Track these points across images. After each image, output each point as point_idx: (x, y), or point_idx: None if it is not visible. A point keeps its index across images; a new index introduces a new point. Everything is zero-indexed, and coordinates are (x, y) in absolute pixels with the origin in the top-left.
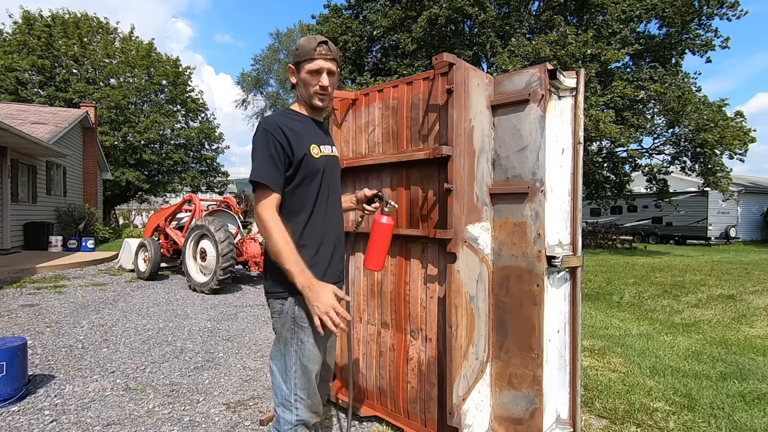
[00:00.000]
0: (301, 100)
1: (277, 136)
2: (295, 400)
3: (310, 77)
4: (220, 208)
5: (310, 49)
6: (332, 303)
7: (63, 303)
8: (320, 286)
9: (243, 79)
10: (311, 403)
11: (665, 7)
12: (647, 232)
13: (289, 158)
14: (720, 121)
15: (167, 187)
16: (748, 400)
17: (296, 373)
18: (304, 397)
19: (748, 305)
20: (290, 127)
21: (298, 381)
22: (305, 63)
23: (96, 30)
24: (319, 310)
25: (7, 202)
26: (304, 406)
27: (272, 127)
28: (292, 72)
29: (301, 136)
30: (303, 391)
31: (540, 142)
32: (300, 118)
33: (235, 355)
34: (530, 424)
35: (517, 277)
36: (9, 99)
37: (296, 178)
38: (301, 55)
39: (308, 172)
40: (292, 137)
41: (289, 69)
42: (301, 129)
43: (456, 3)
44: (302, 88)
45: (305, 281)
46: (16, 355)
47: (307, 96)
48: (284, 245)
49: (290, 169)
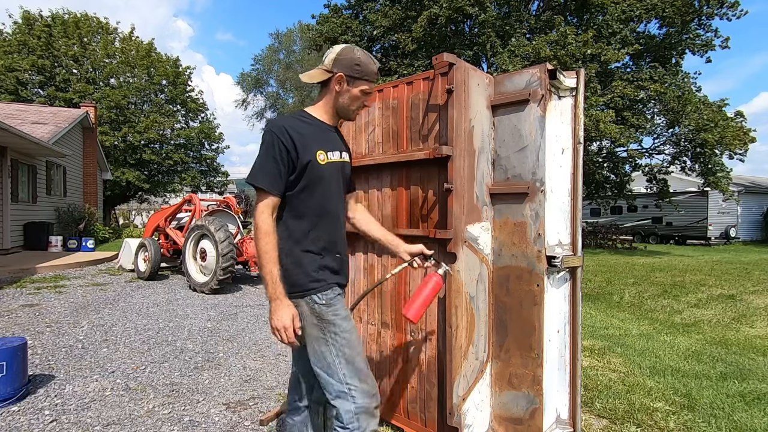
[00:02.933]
0: (330, 107)
1: (283, 138)
2: (349, 389)
3: (360, 96)
4: (220, 208)
5: (372, 72)
6: (287, 324)
7: (63, 303)
8: (284, 305)
9: (243, 79)
10: (366, 387)
11: (665, 7)
12: (647, 232)
13: (293, 162)
14: (720, 121)
15: (167, 187)
16: (748, 400)
17: (341, 364)
18: (357, 383)
19: (748, 305)
20: (298, 131)
21: (345, 371)
22: (363, 82)
23: (96, 30)
24: (275, 323)
25: (7, 202)
26: (359, 392)
27: (278, 129)
28: (341, 80)
29: (308, 140)
30: (353, 377)
31: (540, 142)
32: (312, 122)
33: (235, 355)
34: (530, 424)
35: (517, 277)
36: (9, 99)
37: (300, 182)
38: (362, 73)
39: (312, 178)
40: (298, 141)
41: (339, 77)
42: (309, 132)
43: (456, 3)
44: (345, 100)
45: (273, 293)
46: (16, 355)
47: (347, 109)
48: (266, 252)
49: (294, 173)
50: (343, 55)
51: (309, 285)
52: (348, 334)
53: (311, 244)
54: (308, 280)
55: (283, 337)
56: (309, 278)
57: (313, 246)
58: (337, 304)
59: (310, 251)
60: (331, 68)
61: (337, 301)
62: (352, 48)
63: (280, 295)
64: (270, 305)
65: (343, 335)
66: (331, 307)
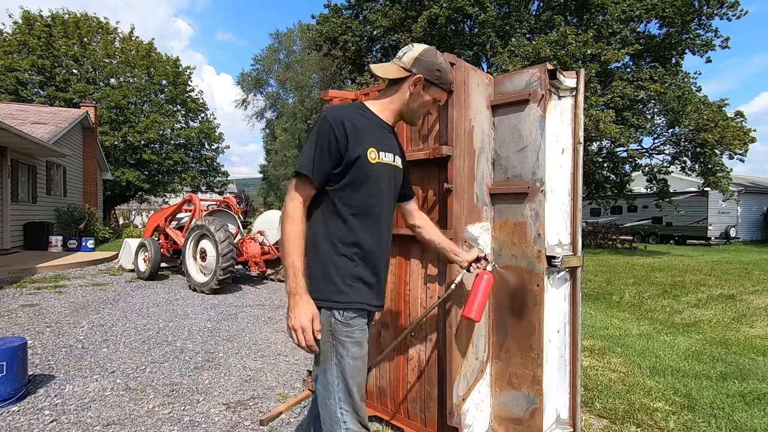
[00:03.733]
0: (396, 106)
1: (336, 129)
2: (341, 414)
3: (430, 103)
4: (220, 208)
5: (449, 81)
6: (306, 324)
7: (63, 303)
8: (303, 302)
9: (243, 79)
10: (357, 416)
11: (665, 7)
12: (647, 232)
13: (341, 155)
14: (720, 121)
15: (167, 187)
16: (748, 400)
17: (338, 386)
18: (349, 409)
19: (748, 305)
20: (353, 123)
21: (341, 395)
22: (438, 89)
23: (96, 30)
24: (292, 322)
25: (7, 202)
26: (350, 417)
27: (334, 119)
28: (418, 82)
29: (361, 134)
30: (347, 403)
31: (540, 142)
32: (371, 117)
33: (235, 355)
34: (530, 424)
35: (517, 277)
36: (9, 99)
37: (345, 178)
38: (440, 80)
39: (359, 176)
40: (351, 133)
41: (417, 78)
42: (364, 126)
43: (456, 3)
44: (415, 103)
45: (294, 288)
46: (16, 355)
47: (414, 113)
48: (291, 240)
49: (340, 167)
50: (425, 57)
51: (334, 297)
52: (355, 362)
53: (347, 248)
54: (334, 291)
55: (300, 339)
56: (335, 289)
57: (348, 250)
58: (355, 326)
59: (344, 255)
60: (409, 67)
61: (356, 322)
62: (434, 51)
63: (301, 290)
64: (288, 301)
65: (350, 360)
66: (348, 328)
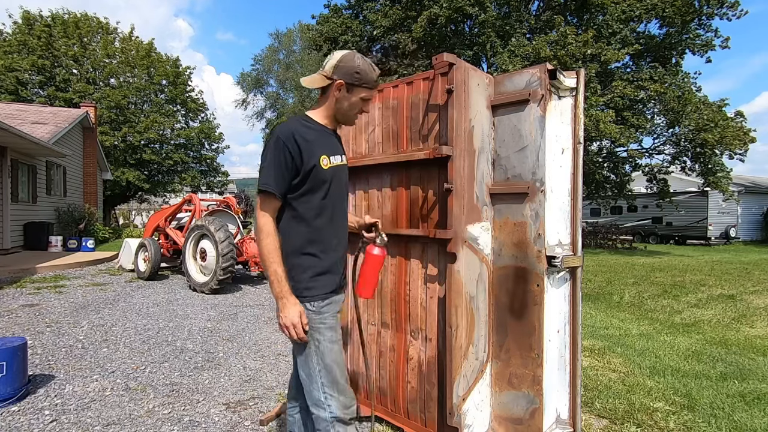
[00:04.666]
0: (330, 112)
1: (290, 145)
2: (325, 398)
3: (360, 103)
4: (220, 208)
5: (371, 80)
6: (295, 321)
7: (63, 303)
8: (291, 303)
9: (243, 80)
10: (342, 398)
11: (665, 7)
12: (647, 232)
13: (297, 168)
14: (720, 121)
15: (167, 187)
16: (748, 400)
17: (321, 372)
18: (334, 393)
19: (748, 305)
20: (304, 137)
21: (324, 380)
22: (362, 89)
23: (96, 30)
24: (284, 321)
25: (7, 202)
26: (335, 401)
27: (286, 135)
28: (340, 87)
29: (312, 146)
30: (331, 388)
31: (540, 142)
32: (315, 127)
33: (235, 355)
34: (530, 424)
35: (517, 277)
36: (9, 99)
37: (303, 186)
38: (361, 80)
39: (316, 182)
40: (304, 147)
41: (338, 84)
42: (313, 138)
43: (456, 3)
44: (344, 106)
45: (280, 292)
46: (16, 355)
47: (346, 115)
48: (269, 252)
49: (298, 177)
50: (343, 62)
51: (303, 292)
52: (331, 344)
53: (311, 247)
54: (303, 288)
55: (293, 334)
56: (303, 286)
57: (313, 248)
58: (326, 313)
59: (309, 254)
60: (331, 75)
61: (327, 309)
62: (353, 55)
63: (287, 293)
64: (277, 304)
65: (326, 344)
66: (320, 315)
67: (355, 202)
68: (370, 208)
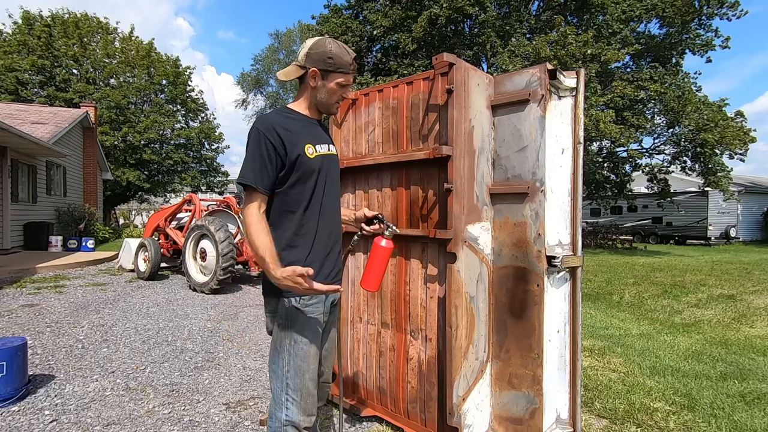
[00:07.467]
0: (310, 102)
1: (270, 136)
2: (285, 399)
3: (337, 88)
4: (220, 208)
5: (346, 64)
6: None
7: (63, 303)
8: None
9: (243, 79)
10: (304, 404)
11: (665, 7)
12: (647, 232)
13: (282, 159)
14: (720, 121)
15: (167, 187)
16: (748, 400)
17: (288, 372)
18: (296, 398)
19: (748, 305)
20: (285, 127)
21: (290, 381)
22: (337, 75)
23: (96, 30)
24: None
25: (7, 202)
26: (295, 406)
27: (266, 127)
28: (315, 76)
29: (295, 136)
30: (295, 391)
31: (540, 142)
32: (297, 117)
33: (235, 355)
34: (530, 424)
35: (517, 277)
36: (9, 99)
37: (290, 178)
38: (335, 65)
39: (303, 172)
40: (286, 137)
41: (312, 72)
42: (296, 128)
43: (456, 3)
44: (322, 94)
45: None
46: (16, 355)
47: (326, 104)
48: (261, 244)
49: (283, 169)
50: (314, 49)
51: None
52: (307, 347)
53: (300, 239)
54: None
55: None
56: None
57: (302, 241)
58: (312, 312)
59: (298, 246)
60: (304, 64)
61: (313, 309)
62: (324, 40)
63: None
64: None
65: (302, 346)
66: (304, 312)
67: (355, 202)
68: (370, 208)
